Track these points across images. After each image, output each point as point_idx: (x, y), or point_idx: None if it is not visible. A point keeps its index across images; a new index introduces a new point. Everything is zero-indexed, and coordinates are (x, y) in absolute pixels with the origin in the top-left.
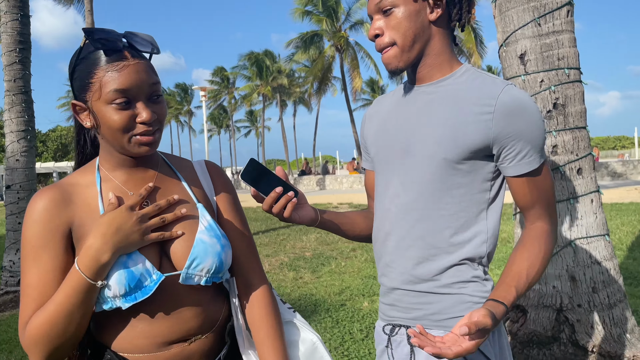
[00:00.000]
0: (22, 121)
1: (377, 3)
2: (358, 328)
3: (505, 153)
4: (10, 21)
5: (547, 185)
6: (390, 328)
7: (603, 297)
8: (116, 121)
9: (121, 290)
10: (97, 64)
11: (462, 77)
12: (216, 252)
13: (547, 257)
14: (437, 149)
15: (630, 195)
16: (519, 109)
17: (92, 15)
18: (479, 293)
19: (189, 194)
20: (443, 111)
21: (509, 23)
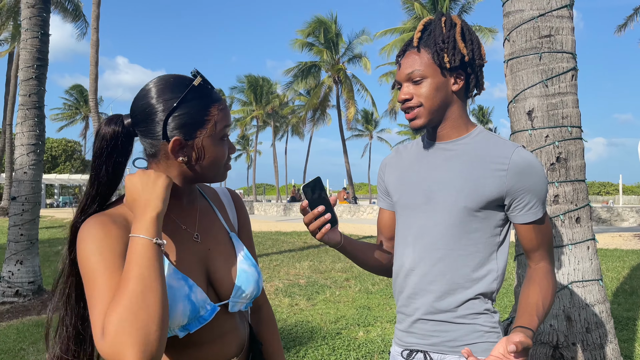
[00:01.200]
0: (33, 135)
1: (408, 73)
2: (355, 357)
3: (516, 204)
4: (30, 38)
5: (548, 232)
6: (408, 353)
7: (595, 337)
8: (224, 153)
9: (184, 320)
10: (211, 102)
11: (477, 137)
12: (255, 280)
13: (554, 291)
14: (459, 198)
15: (614, 241)
16: (528, 168)
17: (98, 32)
18: (489, 323)
19: (224, 224)
20: (463, 166)
21: (519, 82)
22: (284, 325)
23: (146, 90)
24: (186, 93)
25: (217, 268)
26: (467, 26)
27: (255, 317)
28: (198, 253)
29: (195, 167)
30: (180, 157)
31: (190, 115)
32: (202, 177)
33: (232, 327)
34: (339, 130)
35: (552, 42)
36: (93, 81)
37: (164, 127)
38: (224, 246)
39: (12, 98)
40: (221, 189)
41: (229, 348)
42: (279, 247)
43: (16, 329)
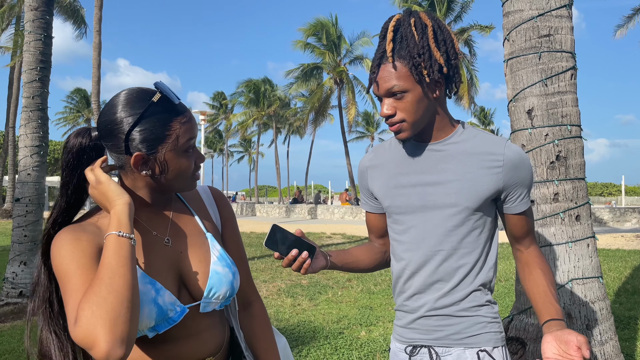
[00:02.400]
0: (36, 137)
1: (388, 88)
2: (357, 356)
3: (510, 196)
4: (34, 41)
5: (532, 219)
6: (411, 349)
7: (596, 333)
8: (188, 166)
9: (150, 323)
10: (171, 117)
11: (463, 134)
12: (229, 281)
13: (552, 270)
14: (458, 199)
15: (617, 242)
16: (520, 162)
17: (100, 35)
18: (490, 314)
19: (200, 226)
20: (456, 166)
21: (518, 82)
22: (286, 325)
23: (110, 105)
24: (146, 108)
25: (189, 270)
26: (438, 24)
27: (246, 314)
28: (168, 257)
29: (160, 180)
30: (144, 171)
31: (151, 130)
32: (169, 189)
33: (209, 326)
34: (341, 132)
35: (552, 41)
36: (95, 84)
37: (126, 143)
38: (198, 248)
39: (15, 100)
40: (202, 187)
41: (205, 346)
42: None
43: (20, 330)
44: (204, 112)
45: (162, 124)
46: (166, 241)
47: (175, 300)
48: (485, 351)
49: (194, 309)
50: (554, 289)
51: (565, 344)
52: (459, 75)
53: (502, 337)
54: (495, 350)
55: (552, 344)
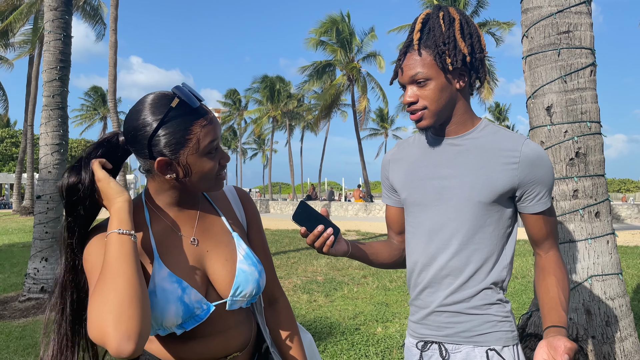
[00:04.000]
0: (57, 135)
1: (411, 75)
2: (374, 351)
3: (527, 195)
4: (54, 40)
5: (555, 221)
6: (423, 344)
7: (615, 330)
8: (212, 168)
9: (177, 321)
10: (193, 120)
11: (483, 130)
12: (255, 279)
13: (568, 278)
14: (472, 193)
15: (635, 239)
16: (538, 159)
17: (116, 34)
18: (501, 313)
19: (226, 225)
20: (473, 161)
21: (537, 78)
22: (302, 321)
23: (133, 111)
24: (166, 114)
25: (215, 269)
26: (466, 19)
27: (272, 310)
28: (195, 256)
29: (185, 182)
30: (168, 174)
31: (172, 135)
32: (195, 190)
33: (236, 323)
34: (355, 128)
35: (571, 38)
36: (112, 82)
37: (149, 149)
38: (225, 247)
39: (33, 99)
40: (228, 187)
41: (232, 342)
42: (296, 244)
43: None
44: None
45: (182, 129)
46: (192, 241)
47: (202, 298)
48: (495, 350)
49: (220, 307)
50: (564, 297)
51: (554, 349)
52: (484, 71)
53: (513, 336)
54: (505, 350)
55: (543, 349)
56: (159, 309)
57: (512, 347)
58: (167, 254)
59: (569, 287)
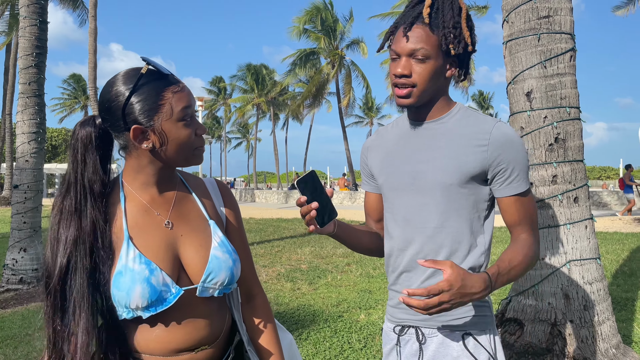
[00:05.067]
0: (34, 123)
1: (414, 49)
2: (356, 338)
3: (498, 177)
4: (29, 26)
5: (531, 207)
6: (400, 328)
7: (593, 314)
8: (187, 135)
9: (143, 303)
10: (164, 86)
11: (457, 115)
12: (229, 267)
13: (529, 256)
14: (444, 176)
15: (614, 225)
16: (507, 141)
17: (96, 20)
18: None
19: (203, 212)
20: (446, 145)
21: (517, 64)
22: (286, 309)
23: (106, 85)
24: (137, 80)
25: (188, 254)
26: (469, 13)
27: (249, 307)
28: (167, 239)
29: (161, 153)
30: (144, 144)
31: (145, 101)
32: (173, 162)
33: (207, 314)
34: (339, 117)
35: (551, 22)
36: (92, 70)
37: (124, 119)
38: (200, 233)
39: (12, 87)
40: (208, 179)
41: (203, 333)
42: (281, 233)
43: (21, 316)
44: (202, 97)
45: (154, 94)
46: (167, 223)
47: (171, 281)
48: (471, 334)
49: (191, 293)
50: (510, 262)
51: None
52: (467, 65)
53: (490, 321)
54: (481, 334)
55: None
56: (125, 289)
57: (487, 332)
58: (139, 236)
59: (523, 258)
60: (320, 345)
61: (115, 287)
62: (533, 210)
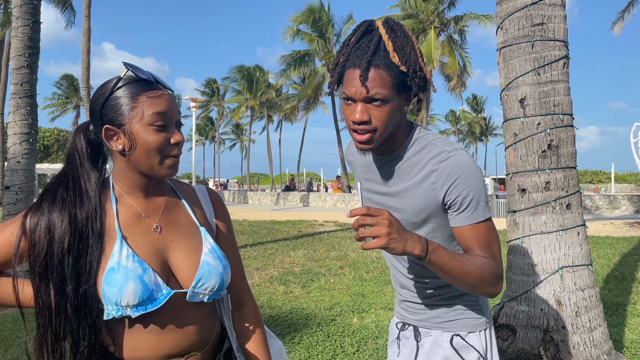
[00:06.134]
0: (25, 124)
1: (368, 93)
2: (349, 342)
3: (450, 209)
4: (22, 26)
5: (490, 238)
6: (402, 325)
7: (585, 320)
8: (154, 141)
9: (135, 300)
10: (140, 90)
11: (412, 147)
12: (219, 273)
13: (484, 268)
14: (404, 214)
15: (605, 229)
16: (455, 174)
17: (89, 20)
18: (469, 301)
19: (193, 219)
20: (402, 181)
21: (511, 70)
22: (279, 312)
23: (95, 91)
24: (115, 84)
25: (178, 260)
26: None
27: (239, 314)
28: (158, 244)
29: (130, 157)
30: (114, 145)
31: (119, 104)
32: (143, 167)
33: (197, 319)
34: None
35: (545, 30)
36: (85, 70)
37: (100, 119)
38: (190, 239)
39: (3, 87)
40: (199, 187)
41: (191, 339)
42: (274, 235)
43: (12, 318)
44: (195, 98)
45: (129, 97)
46: (155, 228)
47: (162, 282)
48: (459, 335)
49: (181, 298)
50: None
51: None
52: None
53: (480, 322)
54: (470, 335)
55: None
56: (117, 285)
57: (478, 333)
58: (129, 238)
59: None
60: (312, 349)
61: (107, 284)
62: (492, 241)
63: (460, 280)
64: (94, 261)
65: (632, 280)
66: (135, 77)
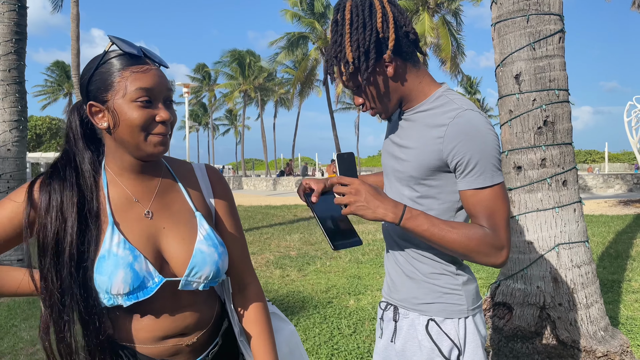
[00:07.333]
0: (15, 111)
1: (346, 85)
2: (346, 324)
3: (456, 170)
4: (7, 11)
5: (494, 205)
6: (385, 305)
7: (581, 297)
8: (138, 117)
9: (125, 289)
10: (124, 65)
11: (433, 103)
12: (214, 261)
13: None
14: (407, 167)
15: (600, 208)
16: (464, 132)
17: (78, 6)
18: (449, 285)
19: (189, 203)
20: (413, 136)
21: (506, 46)
22: (275, 296)
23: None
24: (100, 60)
25: (171, 247)
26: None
27: (241, 297)
28: (150, 230)
29: (115, 135)
30: (99, 122)
31: (103, 79)
32: (126, 145)
33: (193, 303)
34: (327, 103)
35: (540, 3)
36: (75, 57)
37: (87, 95)
38: (183, 226)
39: None
40: (198, 165)
41: (186, 322)
42: (270, 220)
43: (7, 307)
44: (187, 84)
45: (114, 72)
46: (146, 213)
47: (154, 270)
48: (434, 321)
49: (174, 285)
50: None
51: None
52: (407, 39)
53: (461, 309)
54: (447, 322)
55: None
56: (107, 274)
57: (456, 320)
58: (121, 223)
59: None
60: (310, 332)
61: (98, 272)
62: (496, 209)
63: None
64: (92, 243)
65: (627, 258)
66: (120, 51)
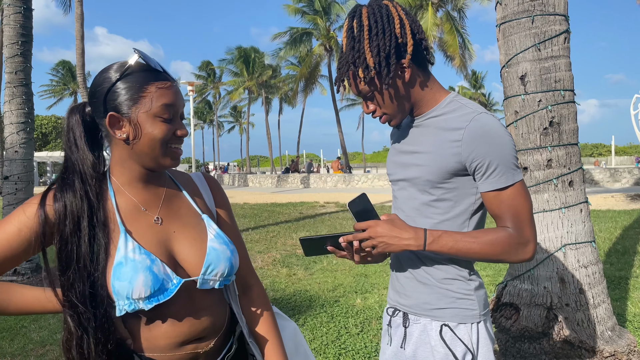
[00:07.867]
0: (22, 113)
1: (357, 93)
2: (353, 323)
3: (476, 173)
4: (13, 14)
5: (516, 203)
6: (393, 311)
7: (589, 297)
8: (160, 132)
9: (146, 292)
10: (149, 80)
11: (445, 108)
12: (227, 257)
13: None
14: (423, 171)
15: (607, 202)
16: (482, 135)
17: (82, 5)
18: (462, 290)
19: (194, 208)
20: (427, 141)
21: (511, 47)
22: (282, 295)
23: (98, 73)
24: (124, 70)
25: (183, 249)
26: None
27: (246, 298)
28: (160, 235)
29: (134, 147)
30: (118, 133)
31: (127, 90)
32: (146, 157)
33: (208, 307)
34: (332, 100)
35: (544, 4)
36: (80, 56)
37: (104, 104)
38: (193, 228)
39: None
40: (195, 174)
41: (203, 325)
42: (275, 218)
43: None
44: (192, 82)
45: (138, 86)
46: (156, 219)
47: (172, 272)
48: (448, 326)
49: (191, 286)
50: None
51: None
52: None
53: (473, 314)
54: (460, 327)
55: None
56: (127, 279)
57: (469, 325)
58: (132, 231)
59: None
60: (317, 331)
61: (116, 278)
62: (519, 207)
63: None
64: (102, 251)
65: (634, 254)
66: (145, 65)
